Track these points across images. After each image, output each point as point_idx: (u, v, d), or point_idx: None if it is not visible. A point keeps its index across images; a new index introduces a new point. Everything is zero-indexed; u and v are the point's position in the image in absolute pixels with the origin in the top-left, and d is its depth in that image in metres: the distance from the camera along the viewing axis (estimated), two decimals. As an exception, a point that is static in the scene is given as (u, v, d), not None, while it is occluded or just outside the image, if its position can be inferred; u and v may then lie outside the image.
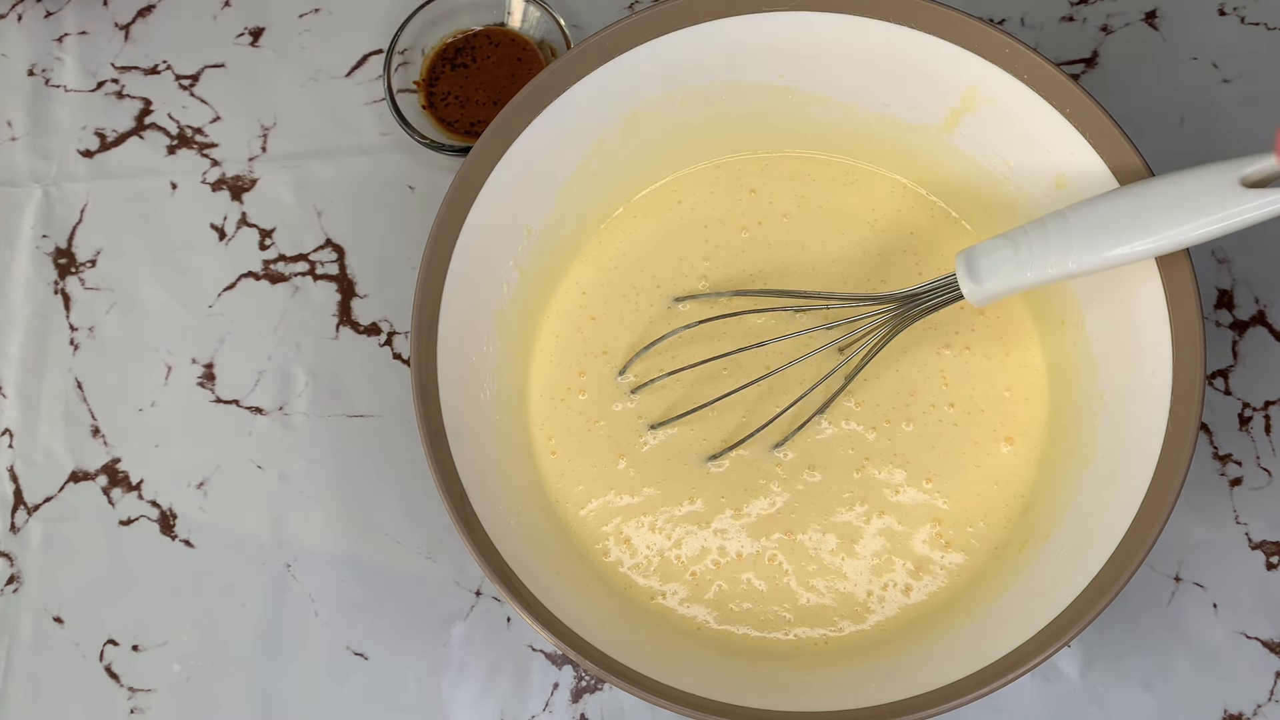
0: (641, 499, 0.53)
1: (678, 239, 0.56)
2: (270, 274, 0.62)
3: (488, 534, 0.46)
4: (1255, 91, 0.60)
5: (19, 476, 0.61)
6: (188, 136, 0.65)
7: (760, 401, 0.53)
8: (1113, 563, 0.43)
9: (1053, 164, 0.48)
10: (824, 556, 0.52)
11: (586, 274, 0.57)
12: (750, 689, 0.46)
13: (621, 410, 0.54)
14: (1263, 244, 0.57)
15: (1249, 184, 0.40)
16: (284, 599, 0.57)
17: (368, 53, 0.65)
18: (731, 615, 0.52)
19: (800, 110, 0.54)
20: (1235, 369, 0.56)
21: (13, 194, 0.65)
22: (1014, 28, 0.62)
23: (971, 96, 0.49)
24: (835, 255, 0.56)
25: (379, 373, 0.60)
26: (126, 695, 0.57)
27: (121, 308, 0.62)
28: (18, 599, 0.59)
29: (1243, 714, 0.52)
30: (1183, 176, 0.42)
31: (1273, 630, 0.53)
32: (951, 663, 0.44)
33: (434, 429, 0.46)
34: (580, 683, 0.55)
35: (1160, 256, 0.44)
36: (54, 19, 0.68)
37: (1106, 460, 0.47)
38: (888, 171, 0.57)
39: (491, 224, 0.50)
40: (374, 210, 0.62)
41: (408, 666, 0.56)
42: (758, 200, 0.57)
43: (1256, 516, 0.54)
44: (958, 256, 0.47)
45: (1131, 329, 0.47)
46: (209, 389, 0.61)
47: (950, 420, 0.53)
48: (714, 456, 0.53)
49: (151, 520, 0.59)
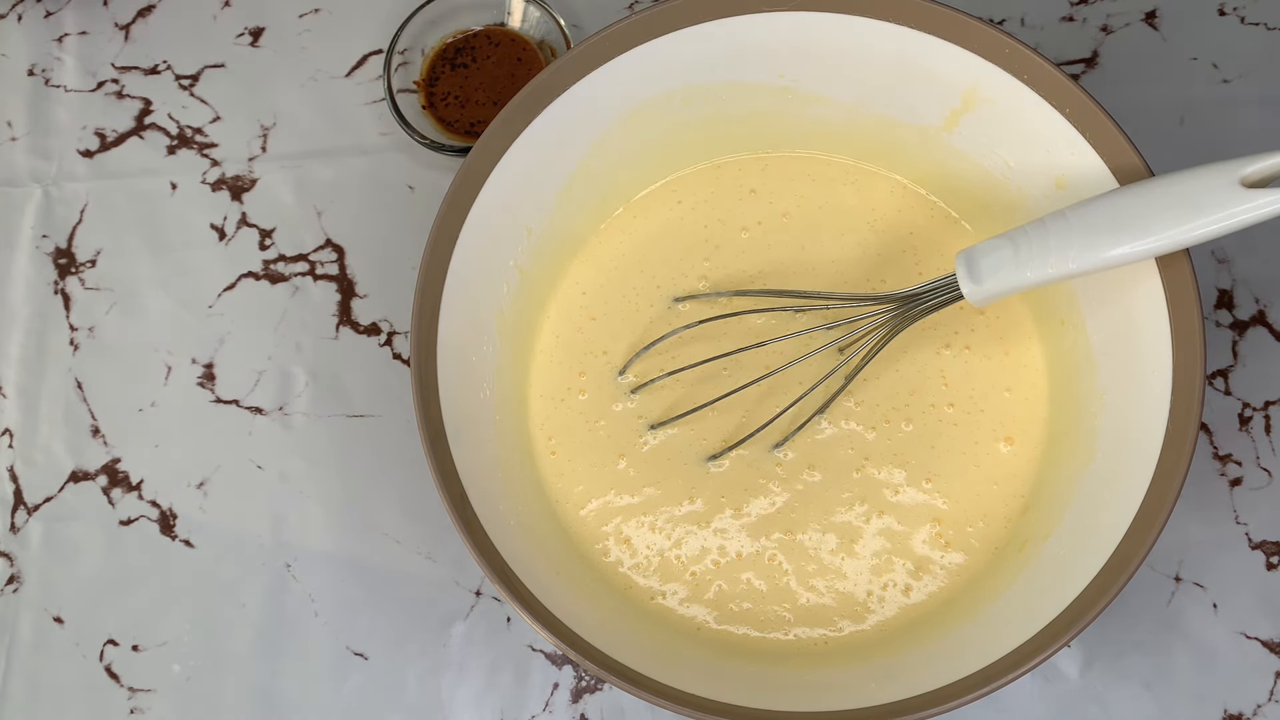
0: (641, 499, 0.53)
1: (678, 239, 0.56)
2: (270, 274, 0.62)
3: (488, 534, 0.46)
4: (1255, 91, 0.60)
5: (19, 476, 0.61)
6: (188, 136, 0.65)
7: (760, 401, 0.53)
8: (1113, 563, 0.43)
9: (1053, 164, 0.48)
10: (824, 556, 0.52)
11: (586, 274, 0.57)
12: (750, 689, 0.46)
13: (621, 410, 0.54)
14: (1263, 244, 0.57)
15: (1249, 184, 0.40)
16: (284, 599, 0.57)
17: (368, 53, 0.65)
18: (731, 615, 0.52)
19: (800, 110, 0.54)
20: (1235, 369, 0.56)
21: (13, 194, 0.65)
22: (1014, 28, 0.62)
23: (971, 96, 0.49)
24: (835, 255, 0.56)
25: (379, 373, 0.60)
26: (126, 695, 0.57)
27: (121, 308, 0.62)
28: (18, 599, 0.59)
29: (1243, 714, 0.52)
30: (1183, 176, 0.42)
31: (1273, 630, 0.53)
32: (951, 663, 0.44)
33: (434, 429, 0.46)
34: (580, 683, 0.55)
35: (1160, 256, 0.44)
36: (54, 19, 0.68)
37: (1106, 460, 0.47)
38: (888, 171, 0.57)
39: (491, 224, 0.50)
40: (374, 210, 0.62)
41: (408, 666, 0.56)
42: (758, 200, 0.57)
43: (1256, 516, 0.54)
44: (958, 256, 0.47)
45: (1131, 329, 0.47)
46: (209, 389, 0.61)
47: (950, 420, 0.53)
48: (714, 456, 0.53)
49: (151, 520, 0.59)
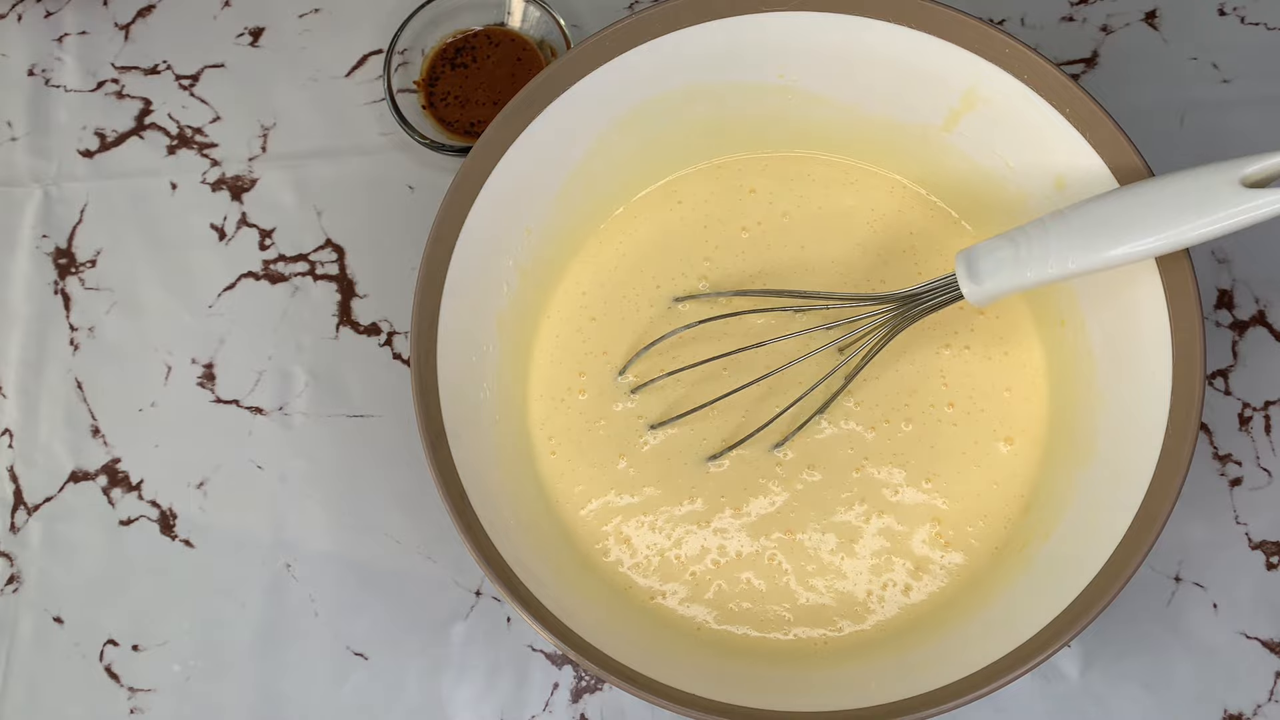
0: (641, 499, 0.53)
1: (678, 239, 0.56)
2: (270, 274, 0.62)
3: (488, 534, 0.46)
4: (1255, 91, 0.60)
5: (19, 476, 0.61)
6: (188, 136, 0.65)
7: (760, 401, 0.53)
8: (1113, 563, 0.43)
9: (1053, 164, 0.48)
10: (823, 556, 0.52)
11: (586, 274, 0.57)
12: (750, 689, 0.46)
13: (621, 410, 0.54)
14: (1263, 244, 0.57)
15: (1249, 184, 0.40)
16: (284, 599, 0.57)
17: (368, 53, 0.65)
18: (731, 615, 0.52)
19: (800, 110, 0.54)
20: (1235, 369, 0.56)
21: (13, 194, 0.65)
22: (1014, 28, 0.62)
23: (971, 96, 0.49)
24: (835, 255, 0.56)
25: (379, 373, 0.60)
26: (126, 695, 0.57)
27: (121, 308, 0.62)
28: (18, 599, 0.59)
29: (1243, 714, 0.52)
30: (1183, 176, 0.42)
31: (1273, 630, 0.53)
32: (951, 663, 0.44)
33: (434, 429, 0.46)
34: (580, 683, 0.55)
35: (1160, 256, 0.44)
36: (54, 19, 0.68)
37: (1106, 460, 0.47)
38: (888, 171, 0.57)
39: (491, 224, 0.50)
40: (374, 210, 0.62)
41: (408, 666, 0.56)
42: (758, 200, 0.57)
43: (1256, 516, 0.54)
44: (958, 256, 0.47)
45: (1131, 329, 0.47)
46: (209, 389, 0.61)
47: (950, 420, 0.53)
48: (714, 456, 0.53)
49: (151, 520, 0.59)
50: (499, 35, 0.63)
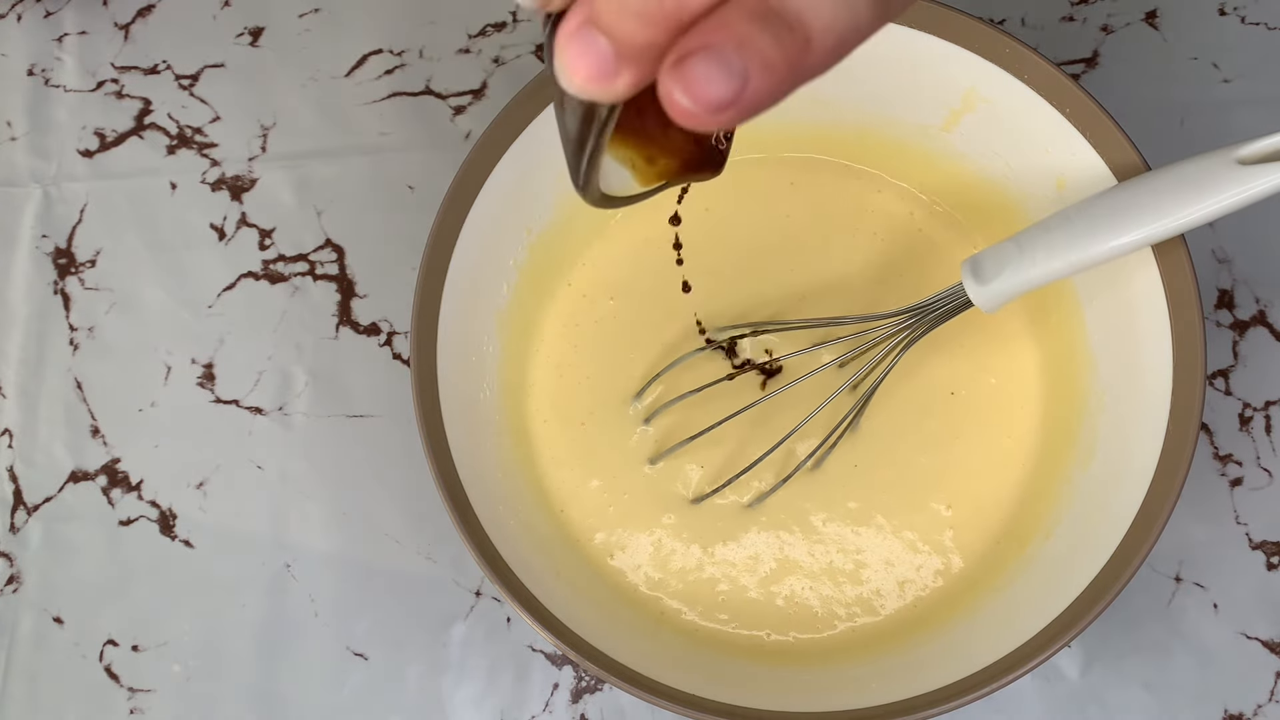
0: (642, 499, 0.53)
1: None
2: (270, 274, 0.62)
3: (488, 534, 0.46)
4: (1255, 91, 0.59)
5: (19, 476, 0.61)
6: (187, 136, 0.65)
7: (765, 421, 0.53)
8: (1113, 563, 0.43)
9: (1053, 164, 0.48)
10: (824, 557, 0.52)
11: (587, 274, 0.57)
12: (750, 689, 0.46)
13: (623, 411, 0.54)
14: (1263, 244, 0.57)
15: (1246, 164, 0.40)
16: (284, 599, 0.57)
17: (368, 53, 0.65)
18: (731, 615, 0.52)
19: (800, 110, 0.54)
20: (1235, 369, 0.56)
21: (12, 194, 0.65)
22: (1014, 28, 0.62)
23: (971, 96, 0.49)
24: (836, 258, 0.56)
25: (379, 373, 0.60)
26: (126, 695, 0.57)
27: (121, 308, 0.62)
28: (18, 599, 0.59)
29: (1243, 714, 0.52)
30: (1182, 164, 0.42)
31: (1273, 630, 0.53)
32: (951, 663, 0.44)
33: (434, 429, 0.46)
34: (580, 683, 0.55)
35: (1160, 255, 0.44)
36: (54, 19, 0.68)
37: (1106, 460, 0.47)
38: (888, 174, 0.56)
39: (491, 224, 0.50)
40: (374, 210, 0.62)
41: (408, 666, 0.56)
42: (758, 201, 0.57)
43: (1256, 516, 0.54)
44: (963, 265, 0.47)
45: (1131, 329, 0.47)
46: (209, 389, 0.61)
47: (949, 421, 0.53)
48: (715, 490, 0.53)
49: (151, 520, 0.59)
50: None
